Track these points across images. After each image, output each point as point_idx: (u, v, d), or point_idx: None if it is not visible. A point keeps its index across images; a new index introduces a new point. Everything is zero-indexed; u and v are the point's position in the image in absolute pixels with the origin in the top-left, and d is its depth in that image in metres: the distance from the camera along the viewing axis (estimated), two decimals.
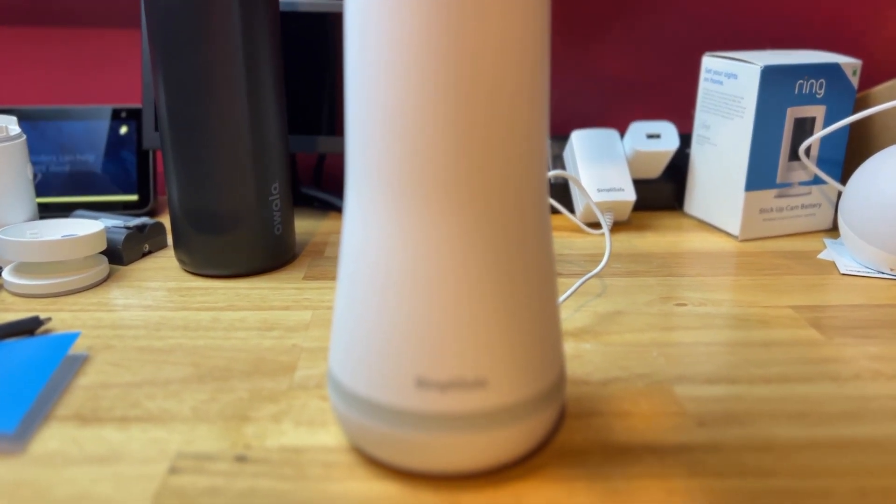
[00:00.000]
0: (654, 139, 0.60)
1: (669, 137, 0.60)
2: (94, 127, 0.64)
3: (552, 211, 0.64)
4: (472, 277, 0.27)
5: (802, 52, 0.60)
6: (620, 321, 0.43)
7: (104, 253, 0.52)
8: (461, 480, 0.29)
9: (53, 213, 0.63)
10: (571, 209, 0.63)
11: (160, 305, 0.46)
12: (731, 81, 0.57)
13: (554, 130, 0.75)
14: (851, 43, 0.74)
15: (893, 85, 0.59)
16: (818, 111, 0.57)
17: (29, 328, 0.41)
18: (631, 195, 0.59)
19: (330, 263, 0.53)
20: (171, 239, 0.57)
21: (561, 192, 0.63)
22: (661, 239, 0.58)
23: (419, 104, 0.26)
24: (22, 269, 0.48)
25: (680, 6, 0.72)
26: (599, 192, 0.58)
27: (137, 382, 0.37)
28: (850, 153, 0.62)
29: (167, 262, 0.53)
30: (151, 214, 0.64)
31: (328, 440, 0.32)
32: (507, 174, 0.27)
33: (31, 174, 0.53)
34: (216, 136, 0.46)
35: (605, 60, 0.73)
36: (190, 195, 0.48)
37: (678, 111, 0.75)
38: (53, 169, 0.63)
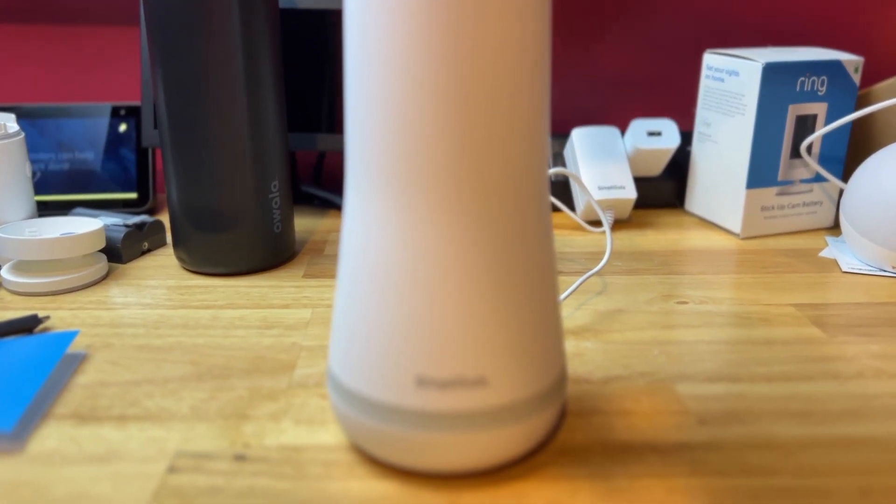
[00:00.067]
0: (654, 137, 0.60)
1: (670, 135, 0.60)
2: (93, 125, 0.64)
3: (553, 209, 0.64)
4: (472, 275, 0.27)
5: (804, 48, 0.60)
6: (621, 319, 0.43)
7: (103, 251, 0.52)
8: (461, 479, 0.29)
9: (52, 211, 0.62)
10: (572, 207, 0.63)
11: (159, 304, 0.45)
12: (732, 79, 0.56)
13: (554, 128, 0.75)
14: (853, 40, 0.73)
15: (895, 82, 0.59)
16: (820, 108, 0.56)
17: (27, 326, 0.41)
18: (632, 193, 0.58)
19: (329, 262, 0.53)
20: (170, 237, 0.57)
21: (562, 189, 0.62)
22: (661, 237, 0.58)
23: (419, 103, 0.25)
24: (20, 267, 0.48)
25: (681, 3, 0.72)
26: (600, 189, 0.58)
27: (136, 381, 0.37)
28: (851, 150, 0.62)
29: (166, 260, 0.53)
30: (151, 212, 0.64)
31: (328, 439, 0.32)
32: (507, 173, 0.27)
33: (29, 172, 0.52)
34: (216, 133, 0.46)
35: (605, 58, 0.73)
36: (189, 193, 0.48)
37: (679, 108, 0.75)
38: (52, 167, 0.63)
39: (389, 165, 0.26)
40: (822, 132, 0.55)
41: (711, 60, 0.59)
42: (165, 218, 0.63)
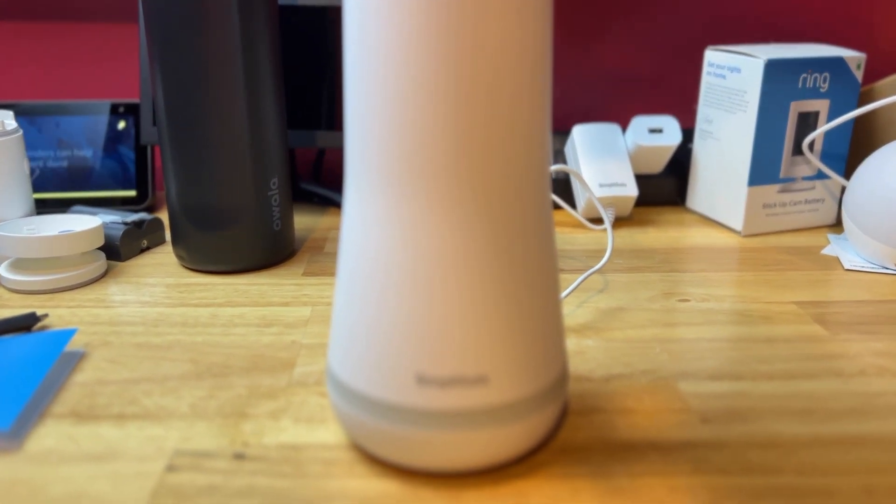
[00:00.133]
0: (656, 134, 0.60)
1: (672, 132, 0.60)
2: (91, 122, 0.63)
3: (553, 206, 0.64)
4: (473, 273, 0.27)
5: (806, 45, 0.60)
6: (623, 317, 0.43)
7: (102, 249, 0.52)
8: (462, 478, 0.29)
9: (51, 208, 0.62)
10: (573, 204, 0.63)
11: (158, 302, 0.45)
12: (734, 75, 0.56)
13: (555, 125, 0.75)
14: (855, 36, 0.73)
15: None
16: (822, 105, 0.56)
17: (25, 325, 0.41)
18: (633, 190, 0.58)
19: (329, 259, 0.52)
20: (169, 235, 0.57)
21: (562, 187, 0.62)
22: (663, 234, 0.58)
23: (419, 103, 0.25)
24: (19, 265, 0.48)
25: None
26: (601, 187, 0.58)
27: (135, 379, 0.36)
28: (854, 148, 0.62)
29: (165, 258, 0.53)
30: (150, 210, 0.64)
31: (327, 437, 0.32)
32: (507, 172, 0.27)
33: (28, 169, 0.52)
34: (215, 131, 0.46)
35: (606, 54, 0.73)
36: (188, 191, 0.47)
37: (680, 105, 0.75)
38: (51, 164, 0.63)
39: (389, 165, 0.26)
40: (824, 129, 0.55)
41: (713, 57, 0.58)
42: (164, 216, 0.62)
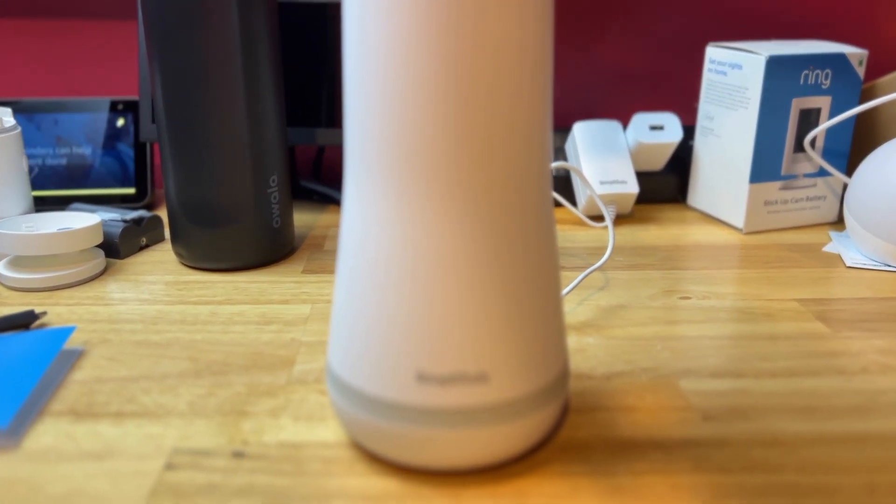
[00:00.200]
0: (657, 131, 0.60)
1: (673, 129, 0.60)
2: (90, 119, 0.63)
3: (554, 203, 0.64)
4: (473, 271, 0.26)
5: (808, 41, 0.59)
6: (624, 315, 0.43)
7: (101, 246, 0.51)
8: (462, 476, 0.29)
9: (50, 206, 0.62)
10: (574, 202, 0.63)
11: (157, 299, 0.45)
12: (735, 72, 0.56)
13: (556, 122, 0.75)
14: (857, 32, 0.73)
15: None
16: (824, 102, 0.56)
17: (24, 322, 0.41)
18: (634, 187, 0.58)
19: (329, 257, 0.52)
20: (168, 232, 0.57)
21: (563, 184, 0.62)
22: (664, 232, 0.58)
23: (419, 103, 0.25)
24: (17, 262, 0.48)
25: None
26: (602, 184, 0.58)
27: (133, 377, 0.36)
28: (855, 144, 0.62)
29: (164, 255, 0.53)
30: (149, 208, 0.64)
31: (327, 435, 0.32)
32: (507, 172, 0.26)
33: (26, 167, 0.52)
34: (214, 128, 0.46)
35: (607, 51, 0.73)
36: (187, 188, 0.47)
37: (682, 102, 0.75)
38: (50, 162, 0.62)
39: (389, 164, 0.26)
40: (825, 126, 0.55)
41: (714, 54, 0.58)
42: (163, 213, 0.62)
